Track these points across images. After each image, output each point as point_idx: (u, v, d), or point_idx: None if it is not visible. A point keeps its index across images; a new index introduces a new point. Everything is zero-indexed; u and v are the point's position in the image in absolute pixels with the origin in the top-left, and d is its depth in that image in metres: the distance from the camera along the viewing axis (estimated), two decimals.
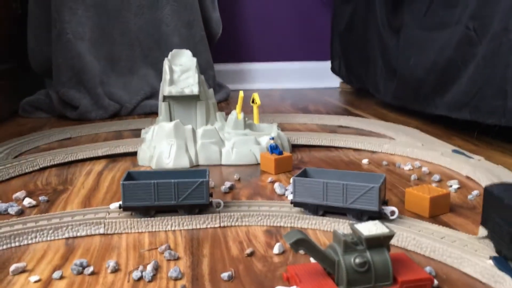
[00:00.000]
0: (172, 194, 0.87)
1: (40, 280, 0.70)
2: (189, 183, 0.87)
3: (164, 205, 0.88)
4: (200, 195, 0.88)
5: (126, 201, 0.87)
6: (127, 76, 2.10)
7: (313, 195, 0.87)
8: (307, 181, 0.88)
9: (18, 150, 1.39)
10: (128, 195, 0.87)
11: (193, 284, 0.69)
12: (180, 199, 0.87)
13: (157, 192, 0.87)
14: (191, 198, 0.88)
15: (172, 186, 0.87)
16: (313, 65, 2.86)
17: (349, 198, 0.85)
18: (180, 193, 0.87)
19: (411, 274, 0.64)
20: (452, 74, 1.51)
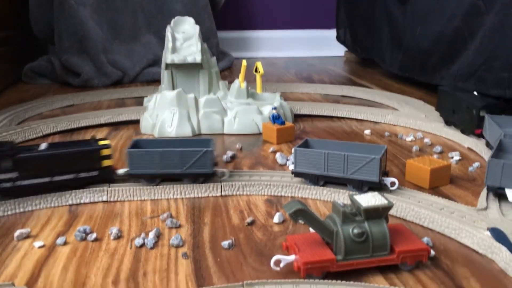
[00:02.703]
0: (177, 163, 0.88)
1: (44, 246, 0.72)
2: (194, 152, 0.88)
3: (169, 174, 0.89)
4: (204, 164, 0.88)
5: (132, 169, 0.88)
6: (130, 43, 2.08)
7: (314, 166, 0.87)
8: (308, 152, 0.88)
9: (21, 117, 1.39)
10: (134, 163, 0.88)
11: (194, 251, 0.70)
12: (185, 168, 0.88)
13: (162, 160, 0.87)
14: (195, 167, 0.88)
15: (178, 155, 0.88)
16: (318, 33, 2.83)
17: (349, 169, 0.85)
18: (185, 162, 0.88)
19: (409, 244, 0.65)
20: (458, 45, 1.49)
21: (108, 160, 0.88)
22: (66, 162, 0.85)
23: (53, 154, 0.85)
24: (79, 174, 0.86)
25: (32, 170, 0.84)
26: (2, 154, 0.82)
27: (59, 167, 0.85)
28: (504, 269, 0.65)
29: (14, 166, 0.82)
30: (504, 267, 0.66)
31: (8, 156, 0.82)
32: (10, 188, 0.83)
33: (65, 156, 0.85)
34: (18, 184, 0.83)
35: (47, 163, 0.84)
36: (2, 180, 0.82)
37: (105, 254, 0.70)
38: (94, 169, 0.87)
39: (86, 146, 0.88)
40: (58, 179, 0.85)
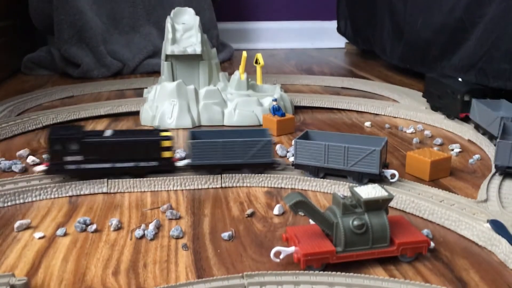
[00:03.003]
0: (238, 153, 0.89)
1: (44, 237, 0.72)
2: (256, 142, 0.89)
3: (230, 164, 0.89)
4: (265, 154, 0.89)
5: (194, 159, 0.88)
6: (130, 34, 2.07)
7: (314, 157, 0.87)
8: (309, 143, 0.88)
9: (20, 108, 1.39)
10: (196, 154, 0.88)
11: (194, 243, 0.70)
12: (246, 158, 0.89)
13: (224, 150, 0.88)
14: (256, 157, 0.89)
15: (239, 145, 0.88)
16: (319, 24, 2.81)
17: (350, 161, 0.85)
18: (247, 152, 0.88)
19: (408, 236, 0.65)
20: (459, 37, 1.49)
21: (168, 151, 0.89)
22: (128, 150, 0.87)
23: (117, 141, 0.87)
24: (139, 163, 0.88)
25: (96, 155, 0.86)
26: (70, 137, 0.85)
27: (121, 154, 0.87)
28: (504, 261, 0.66)
29: (80, 149, 0.85)
30: (503, 259, 0.66)
31: (75, 139, 0.85)
32: (75, 170, 0.86)
33: (128, 144, 0.87)
34: (83, 167, 0.86)
35: (110, 149, 0.87)
36: (69, 162, 0.86)
37: (105, 245, 0.70)
38: (154, 159, 0.88)
39: (148, 136, 0.90)
40: (119, 165, 0.88)
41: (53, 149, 0.85)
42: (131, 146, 0.88)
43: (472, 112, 1.17)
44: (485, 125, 1.10)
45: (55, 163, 0.86)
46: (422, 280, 0.61)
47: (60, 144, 0.85)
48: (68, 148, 0.85)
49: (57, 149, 0.85)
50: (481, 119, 1.12)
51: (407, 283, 0.58)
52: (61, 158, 0.86)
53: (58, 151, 0.85)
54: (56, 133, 0.86)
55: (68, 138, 0.85)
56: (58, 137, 0.85)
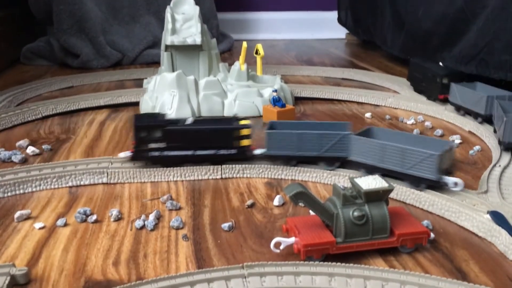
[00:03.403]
0: (314, 145, 0.87)
1: (44, 227, 0.72)
2: (332, 135, 0.87)
3: (306, 156, 0.88)
4: (342, 148, 0.87)
5: (270, 150, 0.89)
6: (129, 24, 2.06)
7: (370, 156, 0.84)
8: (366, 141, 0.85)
9: (20, 98, 1.39)
10: (272, 144, 0.88)
11: (194, 233, 0.70)
12: (322, 151, 0.87)
13: (300, 142, 0.87)
14: (333, 151, 0.87)
15: (315, 138, 0.87)
16: (319, 15, 2.80)
17: (407, 163, 0.80)
18: (323, 145, 0.87)
19: (408, 227, 0.65)
20: (461, 27, 1.48)
21: (247, 140, 0.90)
22: (209, 138, 0.89)
23: (198, 129, 0.89)
24: (219, 151, 0.89)
25: (179, 142, 0.89)
26: (154, 124, 0.88)
27: (202, 142, 0.89)
28: (504, 252, 0.66)
29: (164, 136, 0.88)
30: (503, 250, 0.66)
31: (159, 127, 0.88)
32: (158, 157, 0.89)
33: (209, 132, 0.89)
34: (165, 154, 0.89)
35: (192, 137, 0.89)
36: (152, 149, 0.88)
37: (106, 235, 0.70)
38: (233, 147, 0.90)
39: (228, 124, 0.91)
40: (200, 153, 0.89)
41: (138, 136, 0.88)
42: (212, 134, 0.89)
43: (452, 94, 1.25)
44: (469, 105, 1.19)
45: (140, 150, 0.89)
46: (422, 271, 0.61)
47: (145, 131, 0.88)
48: (152, 135, 0.88)
49: (142, 136, 0.88)
50: (463, 100, 1.21)
51: (407, 274, 0.58)
52: (146, 145, 0.88)
53: (143, 138, 0.88)
54: (141, 121, 0.89)
55: (153, 125, 0.88)
56: (143, 124, 0.88)
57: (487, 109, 1.13)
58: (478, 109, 1.15)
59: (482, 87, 1.24)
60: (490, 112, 1.12)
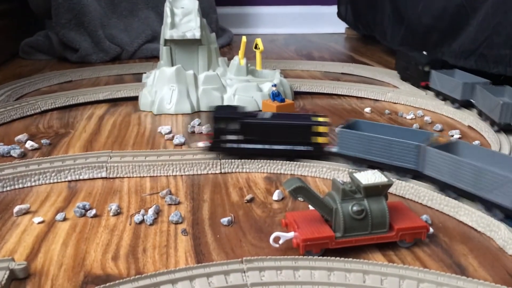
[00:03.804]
0: (383, 151, 0.82)
1: (43, 222, 0.72)
2: (401, 144, 0.81)
3: (373, 161, 0.83)
4: (413, 159, 0.80)
5: (341, 148, 0.87)
6: (128, 18, 2.05)
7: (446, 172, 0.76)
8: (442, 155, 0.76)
9: (19, 93, 1.38)
10: (342, 143, 0.86)
11: (193, 228, 0.70)
12: (390, 159, 0.82)
13: (369, 146, 0.83)
14: (400, 160, 0.81)
15: (384, 143, 0.82)
16: (319, 9, 2.79)
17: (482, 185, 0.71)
18: (391, 152, 0.81)
19: (407, 222, 0.65)
20: (460, 22, 1.48)
21: (323, 137, 0.88)
22: (286, 133, 0.89)
23: (276, 124, 0.89)
24: (295, 146, 0.89)
25: (255, 136, 0.89)
26: (232, 116, 0.89)
27: (279, 136, 0.89)
28: (502, 247, 0.66)
29: (241, 129, 0.88)
30: (502, 244, 0.66)
31: (237, 119, 0.88)
32: (235, 149, 0.90)
33: (286, 127, 0.88)
34: (242, 147, 0.89)
35: (269, 131, 0.89)
36: (230, 141, 0.89)
37: (105, 230, 0.70)
38: (309, 143, 0.89)
39: (305, 120, 0.89)
40: (276, 147, 0.89)
41: (216, 127, 0.89)
42: (290, 129, 0.88)
43: (432, 81, 1.33)
44: (447, 91, 1.26)
45: (217, 141, 0.90)
46: (420, 265, 0.62)
47: (223, 123, 0.89)
48: (229, 127, 0.88)
49: (220, 127, 0.89)
50: (442, 86, 1.28)
51: (405, 268, 0.58)
52: (223, 136, 0.89)
53: (221, 129, 0.89)
54: (220, 112, 0.91)
55: (230, 117, 0.89)
56: (221, 116, 0.89)
57: (463, 94, 1.20)
58: (455, 94, 1.22)
59: (460, 74, 1.30)
60: (466, 98, 1.20)
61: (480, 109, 1.14)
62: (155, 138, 1.06)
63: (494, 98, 1.07)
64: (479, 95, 1.15)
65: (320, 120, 0.89)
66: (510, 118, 1.03)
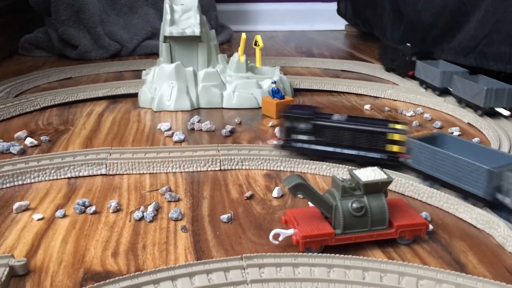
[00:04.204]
0: (450, 170, 0.75)
1: (43, 218, 0.72)
2: (469, 165, 0.72)
3: (440, 179, 0.77)
4: (478, 184, 0.71)
5: (413, 161, 0.80)
6: (128, 15, 2.05)
7: None
8: None
9: (18, 89, 1.38)
10: (414, 155, 0.80)
11: (193, 225, 0.70)
12: (457, 180, 0.75)
13: (436, 162, 0.77)
14: (468, 183, 0.73)
15: (451, 162, 0.75)
16: (319, 6, 2.79)
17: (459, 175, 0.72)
18: (459, 172, 0.74)
19: (407, 219, 0.65)
20: (460, 18, 1.47)
21: (398, 145, 0.83)
22: (358, 137, 0.85)
23: (348, 127, 0.86)
24: (368, 153, 0.85)
25: (325, 137, 0.87)
26: (302, 116, 0.88)
27: (348, 140, 0.86)
28: (502, 244, 0.66)
29: (311, 129, 0.87)
30: (501, 241, 0.66)
31: (309, 119, 0.87)
32: (304, 149, 0.89)
33: (356, 131, 0.85)
34: (312, 148, 0.88)
35: (338, 133, 0.86)
36: (299, 140, 0.89)
37: (104, 227, 0.70)
38: (383, 151, 0.85)
39: (381, 126, 0.85)
40: (347, 152, 0.87)
41: (286, 126, 0.89)
42: (362, 134, 0.85)
43: (417, 70, 1.42)
44: (429, 80, 1.35)
45: (288, 140, 0.89)
46: (420, 262, 0.62)
47: (293, 122, 0.88)
48: (301, 126, 0.88)
49: (290, 126, 0.89)
50: (425, 76, 1.38)
51: (405, 265, 0.58)
52: (293, 136, 0.89)
53: (291, 128, 0.89)
54: (291, 111, 0.89)
55: (300, 117, 0.88)
56: (291, 114, 0.89)
57: (442, 83, 1.30)
58: (435, 83, 1.32)
59: (443, 64, 1.38)
60: (444, 86, 1.30)
61: (460, 96, 1.22)
62: (154, 135, 1.06)
63: (478, 85, 1.15)
64: (459, 83, 1.23)
65: (397, 127, 0.84)
66: (493, 102, 1.13)
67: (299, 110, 0.90)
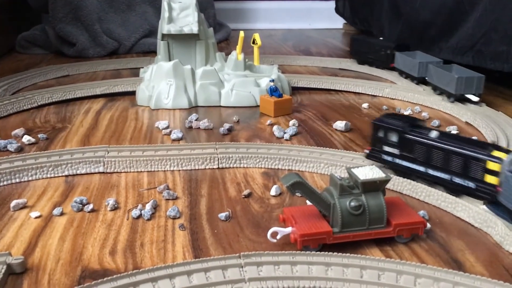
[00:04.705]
0: None
1: (40, 216, 0.72)
2: None
3: None
4: None
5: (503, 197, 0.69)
6: (126, 13, 2.04)
7: None
8: None
9: (15, 87, 1.38)
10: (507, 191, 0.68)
11: (191, 223, 0.70)
12: None
13: None
14: None
15: None
16: (317, 5, 2.79)
17: None
18: None
19: (405, 217, 0.65)
20: (458, 17, 1.48)
21: (494, 176, 0.70)
22: (447, 159, 0.75)
23: (436, 146, 0.76)
24: (462, 180, 0.74)
25: (412, 154, 0.79)
26: (391, 127, 0.81)
27: (438, 161, 0.76)
28: (499, 243, 0.66)
29: (399, 143, 0.80)
30: (499, 240, 0.66)
31: (396, 131, 0.80)
32: (391, 162, 0.82)
33: (447, 153, 0.75)
34: (396, 162, 0.81)
35: (428, 152, 0.77)
36: (388, 153, 0.82)
37: (102, 225, 0.70)
38: (478, 180, 0.72)
39: (478, 150, 0.72)
40: (434, 174, 0.77)
41: (374, 135, 0.83)
42: (452, 156, 0.74)
43: (396, 62, 1.53)
44: (407, 70, 1.46)
45: (375, 150, 0.84)
46: (418, 260, 0.62)
47: (382, 132, 0.82)
48: (388, 138, 0.81)
49: (379, 136, 0.83)
50: (404, 66, 1.48)
51: (403, 264, 0.58)
52: (381, 146, 0.83)
53: (380, 138, 0.83)
54: (382, 120, 0.83)
55: (390, 127, 0.81)
56: (381, 124, 0.82)
57: (419, 72, 1.39)
58: (413, 72, 1.42)
59: (420, 55, 1.49)
60: (421, 75, 1.39)
61: (434, 84, 1.31)
62: (152, 133, 1.06)
63: (449, 74, 1.24)
64: (434, 72, 1.32)
65: (497, 154, 0.70)
66: (463, 89, 1.22)
67: (393, 120, 0.82)
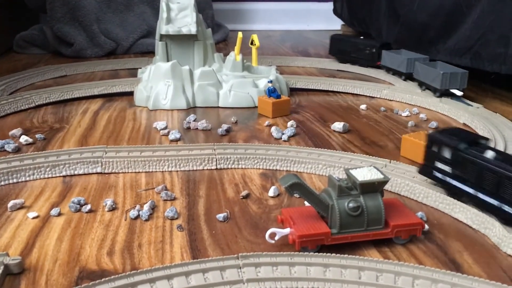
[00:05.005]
0: None
1: (38, 217, 0.71)
2: None
3: None
4: None
5: None
6: (124, 13, 2.04)
7: None
8: None
9: (13, 87, 1.37)
10: None
11: (189, 224, 0.70)
12: None
13: None
14: None
15: None
16: (315, 6, 2.79)
17: None
18: None
19: (403, 218, 0.65)
20: (456, 19, 1.48)
21: None
22: (498, 182, 0.67)
23: (487, 167, 0.69)
24: (504, 205, 0.67)
25: (463, 173, 0.73)
26: (445, 143, 0.75)
27: (489, 184, 0.69)
28: (497, 244, 0.66)
29: (451, 160, 0.74)
30: (496, 242, 0.66)
31: (449, 146, 0.75)
32: (441, 180, 0.77)
33: (498, 175, 0.67)
34: (447, 180, 0.75)
35: (482, 173, 0.70)
36: (438, 169, 0.77)
37: (100, 225, 0.69)
38: None
39: None
40: (481, 197, 0.70)
41: (429, 149, 0.78)
42: (504, 180, 0.67)
43: (383, 59, 1.60)
44: (394, 66, 1.53)
45: (427, 165, 0.79)
46: (416, 262, 0.62)
47: (435, 146, 0.77)
48: (441, 153, 0.76)
49: (433, 150, 0.77)
50: (391, 63, 1.55)
51: (401, 265, 0.58)
52: (434, 162, 0.77)
53: (433, 153, 0.77)
54: (437, 134, 0.77)
55: (443, 143, 0.75)
56: (435, 138, 0.77)
57: (407, 68, 1.46)
58: (401, 68, 1.49)
59: (405, 52, 1.56)
60: (409, 71, 1.46)
61: (421, 80, 1.37)
62: (150, 133, 1.06)
63: (435, 70, 1.30)
64: (420, 68, 1.37)
65: None
66: (448, 85, 1.28)
67: (450, 134, 0.76)
